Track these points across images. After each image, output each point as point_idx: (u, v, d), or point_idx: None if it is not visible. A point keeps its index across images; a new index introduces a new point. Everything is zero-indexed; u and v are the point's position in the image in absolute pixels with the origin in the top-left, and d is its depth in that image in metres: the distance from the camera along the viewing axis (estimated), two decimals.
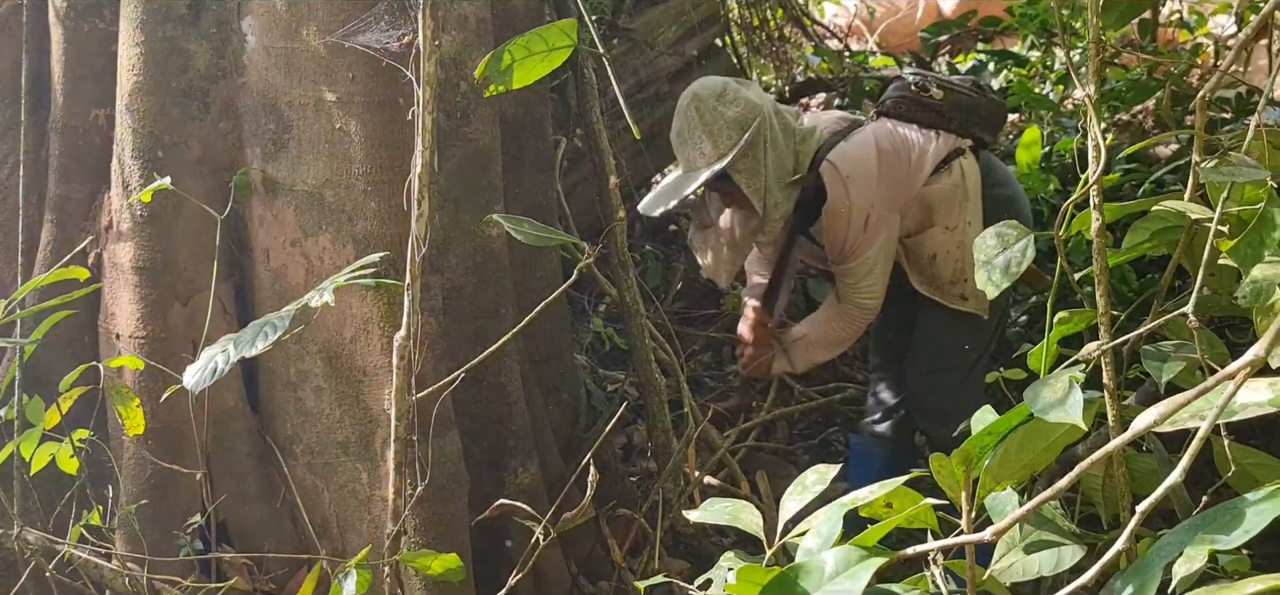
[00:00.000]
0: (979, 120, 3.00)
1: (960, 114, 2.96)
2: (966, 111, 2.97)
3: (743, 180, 2.74)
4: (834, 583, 1.18)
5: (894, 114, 2.99)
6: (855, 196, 2.78)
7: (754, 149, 2.72)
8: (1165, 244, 1.74)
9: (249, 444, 2.54)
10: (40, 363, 2.42)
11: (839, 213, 2.79)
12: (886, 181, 2.83)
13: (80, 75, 2.59)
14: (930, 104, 2.95)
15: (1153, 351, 1.67)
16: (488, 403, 2.68)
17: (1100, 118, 1.58)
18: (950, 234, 2.89)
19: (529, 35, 1.74)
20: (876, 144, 2.86)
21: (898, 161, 2.87)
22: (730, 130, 2.71)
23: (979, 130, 3.01)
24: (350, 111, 2.38)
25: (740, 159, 2.71)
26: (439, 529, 2.42)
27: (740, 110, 2.73)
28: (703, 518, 1.58)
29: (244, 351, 1.85)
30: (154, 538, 2.40)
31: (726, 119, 2.72)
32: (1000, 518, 1.55)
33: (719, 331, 4.52)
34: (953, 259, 2.91)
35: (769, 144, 2.75)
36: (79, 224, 2.60)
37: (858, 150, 2.84)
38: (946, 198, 2.89)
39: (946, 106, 2.95)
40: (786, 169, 2.79)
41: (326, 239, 2.42)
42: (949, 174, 2.90)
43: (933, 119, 2.95)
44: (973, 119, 2.99)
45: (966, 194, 2.92)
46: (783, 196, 2.78)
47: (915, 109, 2.96)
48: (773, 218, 2.79)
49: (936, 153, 2.90)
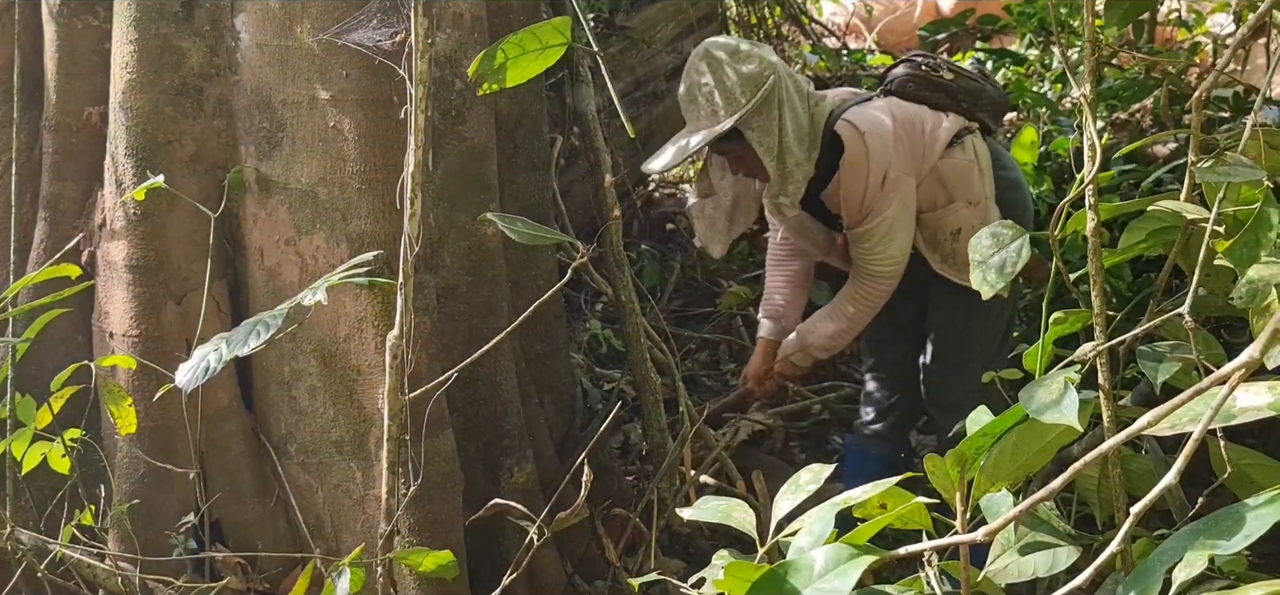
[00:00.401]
0: (985, 105, 2.99)
1: (968, 97, 2.94)
2: (974, 96, 2.96)
3: (755, 138, 2.63)
4: (823, 580, 1.17)
5: (901, 94, 2.96)
6: (873, 149, 2.70)
7: (768, 107, 2.62)
8: (1161, 244, 1.73)
9: (243, 443, 2.53)
10: (33, 361, 2.41)
11: (856, 168, 2.71)
12: (902, 143, 2.77)
13: (73, 72, 2.58)
14: (940, 84, 2.92)
15: (1149, 352, 1.66)
16: (482, 402, 2.67)
17: (1097, 117, 1.57)
18: (974, 209, 2.84)
19: (523, 33, 1.74)
20: (890, 111, 2.83)
21: (912, 130, 2.82)
22: (744, 86, 2.60)
23: (984, 114, 3.00)
24: (344, 109, 2.37)
25: (753, 116, 2.60)
26: (433, 528, 2.41)
27: (754, 67, 2.62)
28: (697, 516, 1.57)
29: (237, 350, 1.85)
30: (147, 537, 2.39)
31: (741, 74, 2.61)
32: (995, 519, 1.54)
33: (715, 331, 4.52)
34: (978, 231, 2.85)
35: (784, 103, 2.65)
36: (72, 222, 2.59)
37: (873, 113, 2.80)
38: (963, 172, 2.85)
39: (955, 88, 2.93)
40: (803, 129, 2.68)
41: (320, 237, 2.41)
42: (963, 150, 2.87)
43: (941, 99, 2.92)
44: (980, 103, 2.97)
45: (981, 170, 2.89)
46: (803, 155, 2.68)
47: (924, 89, 2.93)
48: (794, 177, 2.68)
49: (949, 129, 2.87)
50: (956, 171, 2.84)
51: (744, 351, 4.38)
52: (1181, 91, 4.23)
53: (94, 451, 2.44)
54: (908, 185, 2.78)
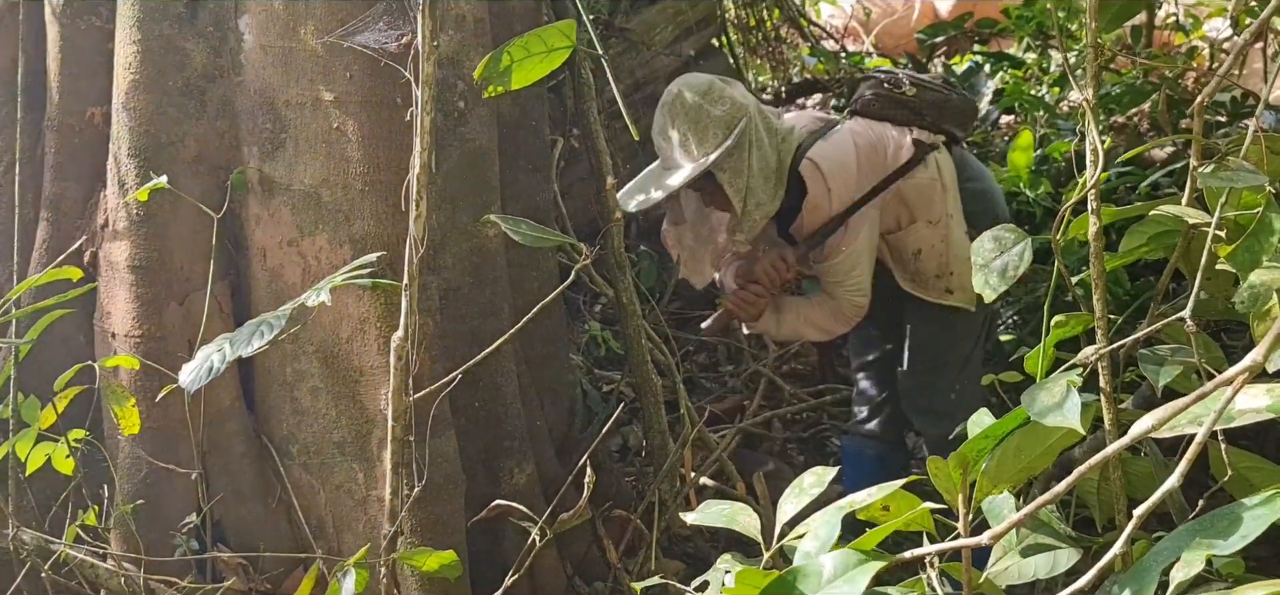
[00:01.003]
0: (950, 116, 3.02)
1: (933, 110, 2.97)
2: (939, 108, 2.98)
3: (726, 180, 2.71)
4: (832, 586, 1.18)
5: (867, 113, 3.00)
6: (835, 189, 2.77)
7: (739, 149, 2.70)
8: (1162, 248, 1.74)
9: (245, 443, 2.53)
10: (35, 362, 2.41)
11: (819, 208, 2.79)
12: (866, 176, 2.83)
13: (76, 73, 2.58)
14: (903, 101, 2.96)
15: (1150, 355, 1.67)
16: (484, 403, 2.68)
17: (1098, 114, 1.58)
18: (933, 228, 2.90)
19: (528, 36, 1.74)
20: (854, 141, 2.87)
21: (875, 155, 2.87)
22: (716, 129, 2.69)
23: (950, 125, 3.03)
24: (347, 111, 2.38)
25: (726, 158, 2.68)
26: (435, 529, 2.41)
27: (727, 109, 2.71)
28: (701, 520, 1.58)
29: (240, 351, 1.85)
30: (150, 537, 2.39)
31: (712, 117, 2.69)
32: (997, 521, 1.55)
33: (715, 334, 4.52)
34: (937, 253, 2.91)
35: (754, 144, 2.73)
36: (75, 222, 2.59)
37: (837, 148, 2.84)
38: (925, 192, 2.90)
39: (919, 103, 2.96)
40: (770, 168, 2.77)
41: (323, 238, 2.42)
42: (925, 169, 2.91)
43: (906, 116, 2.96)
44: (945, 114, 3.01)
45: (944, 187, 2.93)
46: (765, 196, 2.77)
47: (889, 107, 2.97)
48: (752, 217, 2.77)
49: (910, 148, 2.91)
50: (918, 191, 2.88)
51: (742, 354, 4.39)
52: (1179, 96, 4.25)
53: (97, 451, 2.44)
54: (871, 217, 2.85)
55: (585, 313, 4.43)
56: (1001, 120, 5.29)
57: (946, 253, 2.91)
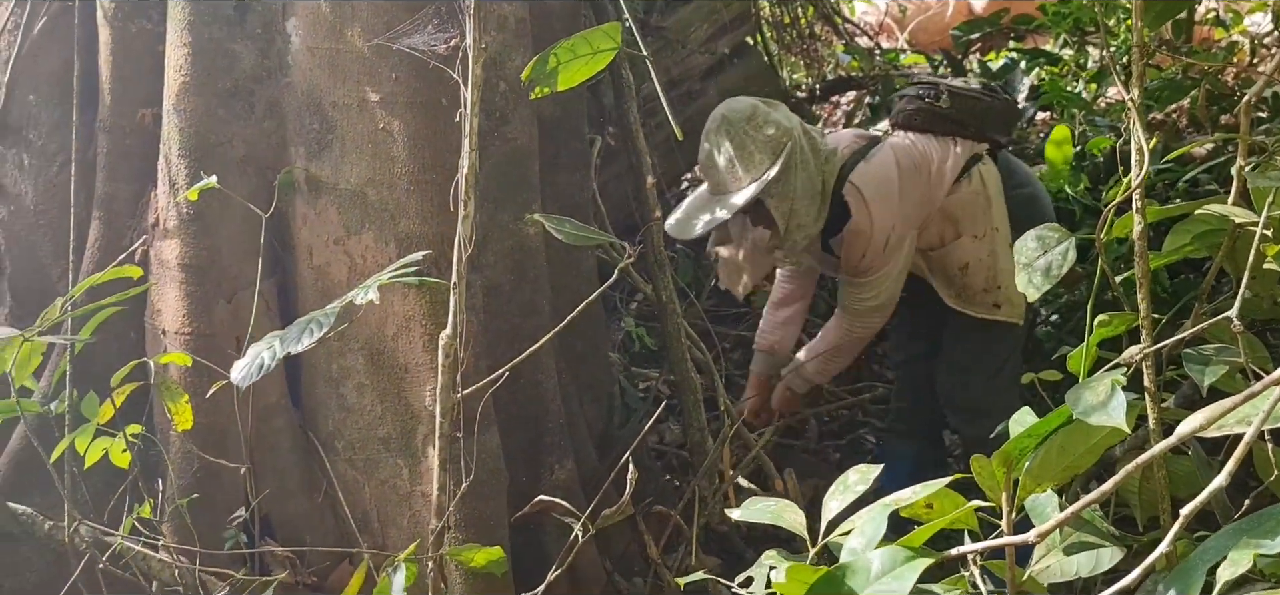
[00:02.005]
0: (992, 122, 3.01)
1: (975, 119, 2.96)
2: (980, 116, 2.98)
3: (773, 204, 2.75)
4: (881, 582, 1.20)
5: (909, 126, 2.99)
6: (878, 218, 2.80)
7: (787, 172, 2.73)
8: (1207, 247, 1.74)
9: (291, 439, 2.58)
10: (89, 357, 2.47)
11: (861, 233, 2.82)
12: (908, 199, 2.85)
13: (128, 75, 2.64)
14: (943, 114, 2.96)
15: (1195, 355, 1.68)
16: (525, 400, 2.71)
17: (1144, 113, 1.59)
18: (980, 242, 2.89)
19: (574, 39, 1.77)
20: (897, 162, 2.88)
21: (918, 177, 2.88)
22: (763, 154, 2.72)
23: (994, 132, 3.01)
24: (393, 111, 2.42)
25: (774, 184, 2.72)
26: (479, 525, 2.45)
27: (773, 133, 2.73)
28: (745, 517, 1.60)
29: (289, 348, 1.88)
30: (200, 530, 2.44)
31: (759, 142, 2.72)
32: (1040, 519, 1.56)
33: (749, 330, 4.54)
34: (984, 268, 2.91)
35: (799, 166, 2.76)
36: (126, 221, 2.65)
37: (880, 171, 2.86)
38: (969, 206, 2.90)
39: (958, 114, 2.95)
40: (815, 190, 2.79)
41: (369, 237, 2.45)
42: (969, 183, 2.91)
43: (948, 126, 2.96)
44: (987, 122, 2.99)
45: (989, 200, 2.93)
46: (809, 219, 2.80)
47: (930, 119, 2.97)
48: (794, 238, 2.81)
49: (955, 162, 2.91)
50: (963, 206, 2.89)
51: None
52: (1219, 91, 4.21)
53: (149, 446, 2.49)
54: (909, 240, 2.88)
55: (621, 310, 4.46)
56: (1038, 117, 5.26)
57: (994, 267, 2.90)
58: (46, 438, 2.37)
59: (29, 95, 2.75)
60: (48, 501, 2.50)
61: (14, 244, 2.80)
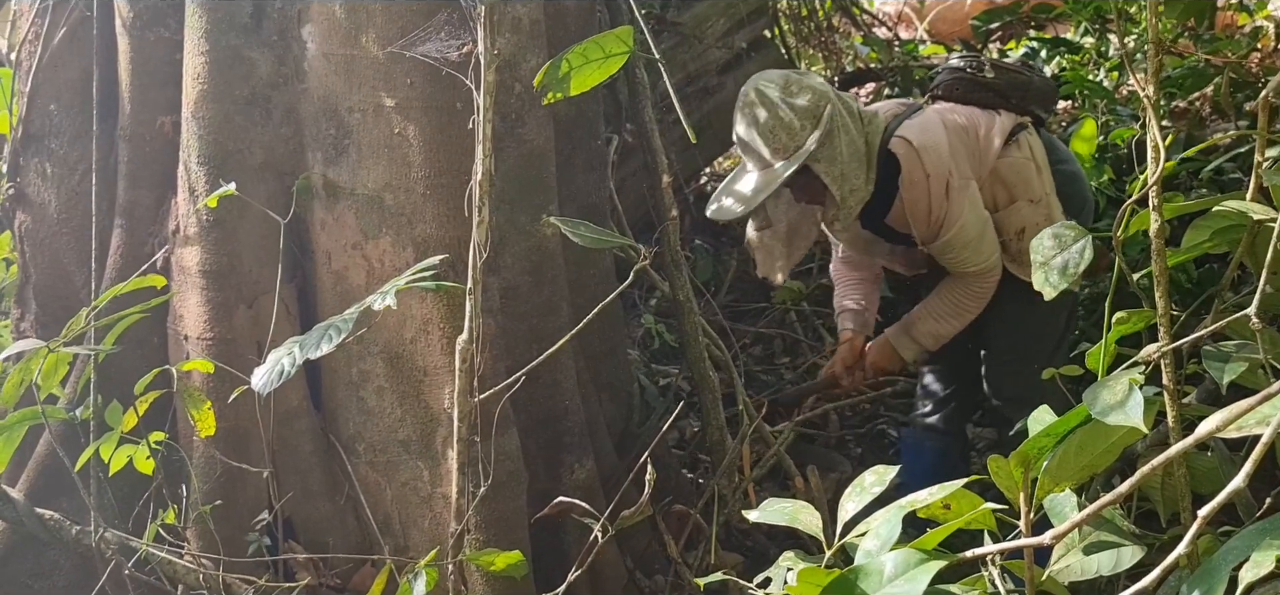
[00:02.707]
0: (1034, 97, 2.99)
1: (1017, 92, 2.94)
2: (1022, 89, 2.95)
3: (822, 169, 2.66)
4: (893, 585, 1.20)
5: (950, 97, 2.96)
6: (929, 164, 2.71)
7: (831, 136, 2.65)
8: (1226, 242, 1.73)
9: (313, 443, 2.60)
10: (113, 364, 2.50)
11: (916, 184, 2.72)
12: (958, 151, 2.78)
13: (147, 84, 2.66)
14: (986, 84, 2.92)
15: (1214, 352, 1.66)
16: (544, 400, 2.72)
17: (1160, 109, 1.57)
18: (1036, 206, 2.83)
19: (586, 43, 1.77)
20: (942, 119, 2.83)
21: (965, 136, 2.82)
22: (803, 121, 2.63)
23: (1035, 107, 2.99)
24: (408, 116, 2.43)
25: (819, 148, 2.63)
26: (499, 526, 2.46)
27: (809, 99, 2.65)
28: (762, 518, 1.60)
29: (309, 353, 1.89)
30: (224, 534, 2.47)
31: (796, 110, 2.63)
32: (1059, 519, 1.55)
33: (769, 325, 4.53)
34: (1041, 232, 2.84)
35: (841, 129, 2.68)
36: (148, 228, 2.67)
37: (924, 122, 2.80)
38: (1021, 171, 2.85)
39: (1002, 84, 2.92)
40: (860, 152, 2.71)
41: (387, 241, 2.47)
42: (1018, 148, 2.87)
43: (991, 98, 2.92)
44: (1028, 95, 2.97)
45: (1039, 167, 2.88)
46: (860, 181, 2.71)
47: (972, 90, 2.93)
48: (849, 203, 2.71)
49: (1002, 127, 2.86)
50: (1015, 170, 2.84)
51: (798, 345, 4.40)
52: (1243, 79, 4.16)
53: (173, 452, 2.52)
54: (972, 190, 2.78)
55: (640, 306, 4.46)
56: (1059, 106, 5.22)
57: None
58: (72, 445, 2.40)
59: (50, 104, 2.78)
60: (74, 507, 2.53)
61: (38, 251, 2.83)
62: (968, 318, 2.93)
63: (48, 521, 2.45)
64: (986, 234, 2.80)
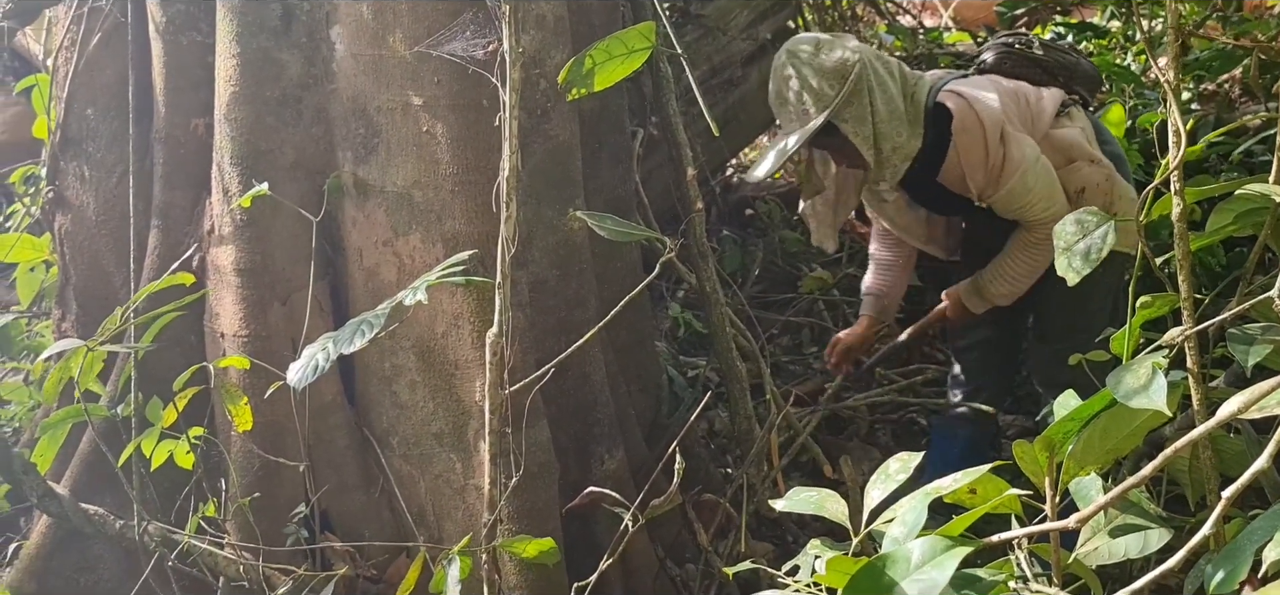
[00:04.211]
0: (1080, 78, 3.00)
1: (1063, 71, 2.95)
2: (1068, 69, 2.97)
3: (851, 129, 2.64)
4: (920, 572, 1.21)
5: (998, 71, 2.95)
6: (981, 111, 2.68)
7: (858, 95, 2.62)
8: (1251, 225, 1.73)
9: (347, 437, 2.65)
10: (151, 362, 2.55)
11: (970, 131, 2.69)
12: (1009, 109, 2.75)
13: (180, 86, 2.72)
14: (1034, 59, 2.93)
15: (1239, 334, 1.66)
16: (573, 391, 2.75)
17: (1182, 92, 1.58)
18: (1096, 167, 2.80)
19: (610, 39, 1.80)
20: (993, 83, 2.81)
21: (1018, 99, 2.81)
22: (830, 80, 2.61)
23: (1081, 87, 3.00)
24: (436, 114, 2.46)
25: (845, 107, 2.61)
26: (531, 516, 2.49)
27: (839, 57, 2.63)
28: (789, 507, 1.62)
29: (343, 348, 1.93)
30: (262, 527, 2.52)
31: (825, 69, 2.61)
32: (1085, 502, 1.57)
33: (796, 315, 4.54)
34: (1102, 192, 2.80)
35: (876, 86, 2.65)
36: (183, 228, 2.73)
37: (974, 81, 2.81)
38: (1077, 139, 2.82)
39: (1050, 62, 2.94)
40: (899, 110, 2.67)
41: (417, 238, 2.51)
42: (1071, 120, 2.87)
43: (1038, 74, 2.93)
44: (1075, 76, 2.98)
45: (1090, 138, 2.88)
46: (902, 138, 2.67)
47: (1020, 65, 2.93)
48: (892, 161, 2.68)
49: (1053, 98, 2.86)
50: (1070, 139, 2.82)
51: (826, 334, 4.40)
52: (1272, 60, 4.12)
53: (211, 447, 2.57)
54: (1029, 143, 2.74)
55: (667, 297, 4.48)
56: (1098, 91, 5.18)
57: (1111, 191, 2.81)
58: (114, 441, 2.46)
59: (87, 109, 2.84)
60: (117, 502, 2.60)
61: (78, 253, 2.90)
62: (1036, 277, 2.88)
63: (92, 516, 2.51)
64: (1055, 181, 2.76)
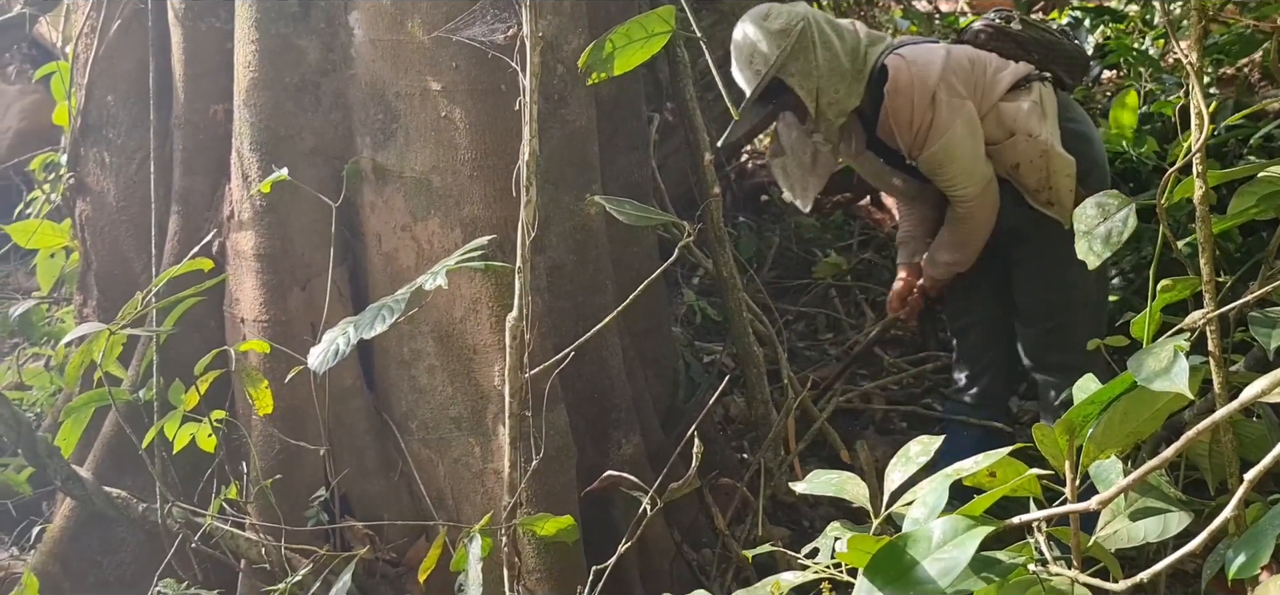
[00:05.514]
0: (1058, 59, 3.07)
1: (1040, 49, 3.03)
2: (1046, 47, 3.05)
3: (796, 83, 2.81)
4: (942, 551, 1.22)
5: (974, 43, 3.08)
6: (915, 74, 2.84)
7: (803, 51, 2.80)
8: (1272, 209, 1.72)
9: (367, 421, 2.66)
10: (173, 347, 2.57)
11: (900, 91, 2.84)
12: (955, 72, 2.89)
13: (199, 73, 2.73)
14: (1010, 34, 3.03)
15: (1261, 318, 1.66)
16: (590, 376, 2.76)
17: (1203, 76, 1.57)
18: (1033, 142, 2.90)
19: (629, 23, 1.80)
20: (947, 48, 2.96)
21: (970, 68, 2.93)
22: (777, 40, 2.79)
23: (1058, 68, 3.06)
24: (454, 100, 2.47)
25: (790, 62, 2.79)
26: (549, 500, 2.50)
27: (783, 21, 2.81)
28: (810, 489, 1.62)
29: (363, 333, 1.94)
30: (283, 509, 2.53)
31: (771, 31, 2.80)
32: (1105, 486, 1.56)
33: (811, 301, 4.54)
34: (1037, 168, 2.91)
35: (819, 44, 2.82)
36: (203, 214, 2.74)
37: (923, 46, 2.95)
38: (1026, 115, 2.92)
39: (1026, 38, 3.03)
40: (842, 67, 2.84)
41: (435, 223, 2.52)
42: (1028, 93, 2.93)
43: (1012, 49, 3.02)
44: (1052, 56, 3.05)
45: (1045, 115, 2.94)
46: (840, 94, 2.84)
47: (996, 39, 3.05)
48: (826, 115, 2.86)
49: (1014, 73, 2.95)
50: (1019, 114, 2.90)
51: (840, 321, 4.40)
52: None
53: (232, 430, 2.60)
54: (965, 109, 2.87)
55: (683, 284, 4.49)
56: (1104, 75, 5.16)
57: (1047, 167, 2.90)
58: (137, 425, 2.48)
59: (107, 96, 2.86)
60: (140, 484, 2.62)
61: (98, 239, 2.92)
62: (973, 248, 3.04)
63: (115, 499, 2.53)
64: (979, 157, 2.89)
